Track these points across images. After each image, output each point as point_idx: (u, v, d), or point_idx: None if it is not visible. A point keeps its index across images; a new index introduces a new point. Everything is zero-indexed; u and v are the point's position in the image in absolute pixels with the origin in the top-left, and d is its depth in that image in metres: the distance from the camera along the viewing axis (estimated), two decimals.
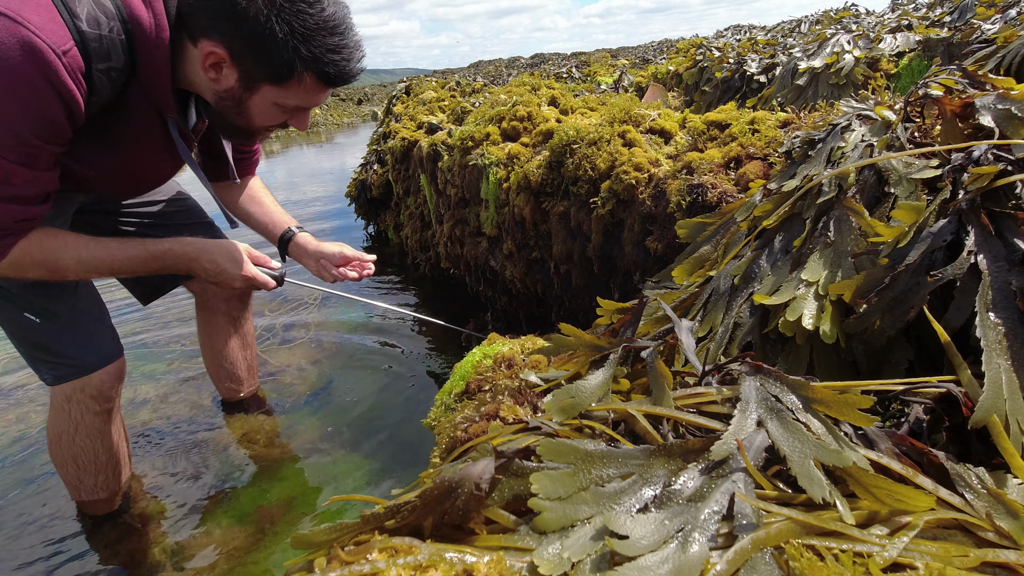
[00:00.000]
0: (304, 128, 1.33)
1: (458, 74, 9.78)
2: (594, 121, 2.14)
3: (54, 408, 1.50)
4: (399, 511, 0.59)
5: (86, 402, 1.48)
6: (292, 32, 1.12)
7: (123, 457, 1.64)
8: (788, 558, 0.50)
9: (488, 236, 2.42)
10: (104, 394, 1.49)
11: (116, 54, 1.10)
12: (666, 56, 6.73)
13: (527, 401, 0.89)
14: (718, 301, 1.03)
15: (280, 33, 1.11)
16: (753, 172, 1.44)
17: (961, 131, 0.99)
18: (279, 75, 1.17)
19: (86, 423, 1.51)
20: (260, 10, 1.09)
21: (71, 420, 1.50)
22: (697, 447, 0.61)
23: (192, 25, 1.14)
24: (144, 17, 1.11)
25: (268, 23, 1.10)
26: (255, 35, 1.11)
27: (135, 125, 1.25)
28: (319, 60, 1.16)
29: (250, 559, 1.44)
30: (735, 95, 3.55)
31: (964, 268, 0.77)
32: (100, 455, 1.57)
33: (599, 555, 0.52)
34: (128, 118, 1.23)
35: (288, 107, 1.25)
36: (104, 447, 1.56)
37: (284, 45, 1.12)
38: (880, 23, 3.78)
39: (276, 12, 1.09)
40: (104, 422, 1.53)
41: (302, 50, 1.14)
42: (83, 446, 1.54)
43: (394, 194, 3.76)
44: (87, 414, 1.50)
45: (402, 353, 2.49)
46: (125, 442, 1.66)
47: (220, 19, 1.12)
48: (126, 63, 1.13)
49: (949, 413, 0.69)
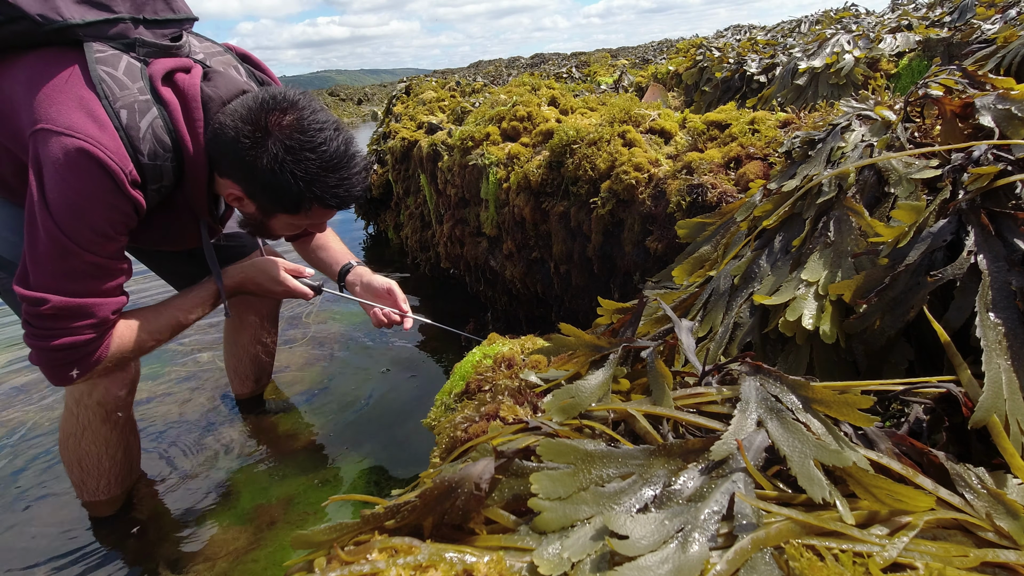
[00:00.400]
0: (323, 231, 1.63)
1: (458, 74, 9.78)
2: (594, 121, 2.14)
3: (65, 409, 1.53)
4: (399, 511, 0.59)
5: (93, 407, 1.49)
6: (296, 179, 1.29)
7: (128, 465, 1.65)
8: (788, 558, 0.50)
9: (488, 236, 2.42)
10: (111, 400, 1.49)
11: (167, 177, 1.34)
12: (666, 56, 6.73)
13: (527, 401, 0.89)
14: (718, 301, 1.03)
15: (284, 180, 1.28)
16: (753, 172, 1.44)
17: (961, 131, 0.99)
18: (290, 209, 1.35)
19: (92, 428, 1.52)
20: (269, 162, 1.26)
21: (79, 423, 1.51)
22: (697, 447, 0.61)
23: (216, 163, 1.35)
24: (191, 149, 1.32)
25: (276, 174, 1.27)
26: (266, 183, 1.30)
27: (175, 217, 1.46)
28: (323, 198, 1.33)
29: (250, 558, 1.44)
30: (735, 95, 3.55)
31: (964, 268, 0.77)
32: (103, 461, 1.58)
33: (599, 555, 0.52)
34: (170, 213, 1.44)
35: (303, 225, 1.47)
36: (108, 454, 1.57)
37: (291, 189, 1.30)
38: (880, 23, 3.78)
39: (281, 164, 1.27)
40: (111, 429, 1.54)
41: (306, 193, 1.31)
42: (87, 450, 1.55)
43: (394, 194, 3.76)
44: (94, 420, 1.51)
45: (402, 353, 2.49)
46: (135, 450, 1.67)
47: (236, 167, 1.31)
48: (174, 181, 1.36)
49: (949, 413, 0.69)
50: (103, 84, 1.23)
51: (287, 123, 1.27)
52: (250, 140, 1.26)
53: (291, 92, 1.32)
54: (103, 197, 1.22)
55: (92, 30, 1.26)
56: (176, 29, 1.41)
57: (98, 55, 1.25)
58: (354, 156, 1.37)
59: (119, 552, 1.52)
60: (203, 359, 2.48)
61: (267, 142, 1.26)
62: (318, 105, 1.34)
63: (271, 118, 1.27)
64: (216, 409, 2.12)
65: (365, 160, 1.42)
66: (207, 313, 1.60)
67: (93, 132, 1.19)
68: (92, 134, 1.19)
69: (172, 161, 1.32)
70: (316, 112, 1.31)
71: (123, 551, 1.52)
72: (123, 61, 1.28)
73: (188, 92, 1.31)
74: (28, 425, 2.09)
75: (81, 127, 1.19)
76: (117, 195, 1.23)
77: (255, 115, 1.27)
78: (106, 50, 1.27)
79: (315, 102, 1.34)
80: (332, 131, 1.32)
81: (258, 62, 1.56)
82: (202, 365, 2.43)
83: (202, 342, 2.64)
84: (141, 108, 1.26)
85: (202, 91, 1.32)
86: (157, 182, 1.32)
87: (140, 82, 1.28)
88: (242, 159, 1.28)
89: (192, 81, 1.32)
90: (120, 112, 1.24)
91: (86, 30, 1.25)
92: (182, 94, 1.31)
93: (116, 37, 1.29)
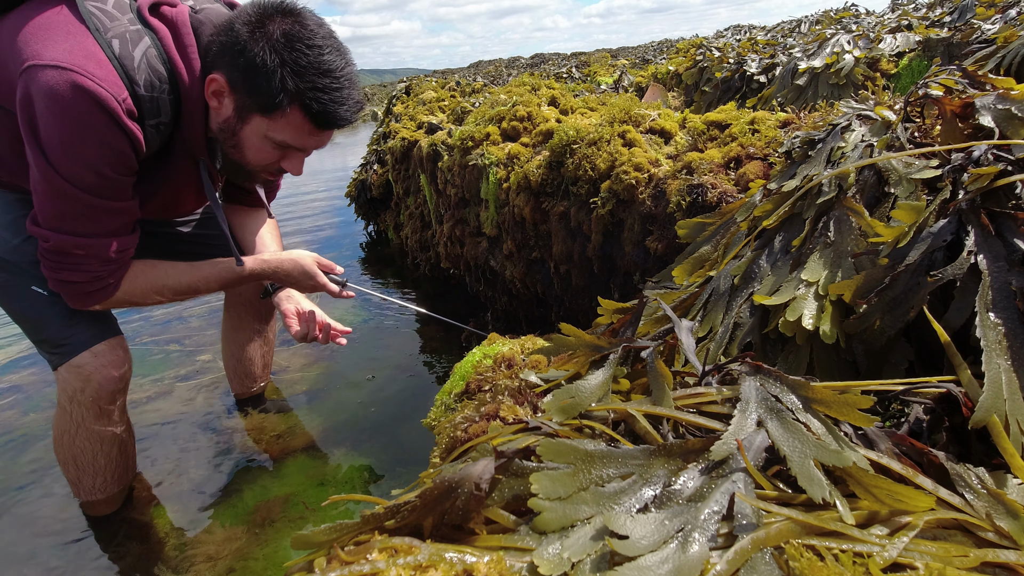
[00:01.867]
0: (297, 172, 1.40)
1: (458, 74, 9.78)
2: (594, 121, 2.14)
3: (59, 407, 1.52)
4: (399, 511, 0.59)
5: (86, 404, 1.48)
6: (282, 64, 1.20)
7: (124, 462, 1.64)
8: (788, 558, 0.50)
9: (488, 236, 2.42)
10: (104, 397, 1.49)
11: (165, 111, 1.28)
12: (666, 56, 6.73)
13: (527, 401, 0.89)
14: (718, 301, 1.03)
15: (271, 64, 1.20)
16: (753, 172, 1.44)
17: (961, 131, 0.99)
18: (266, 105, 1.24)
19: (86, 426, 1.52)
20: (259, 43, 1.19)
21: (72, 421, 1.51)
22: (697, 447, 0.61)
23: (208, 62, 1.27)
24: (186, 78, 1.26)
25: (263, 55, 1.19)
26: (250, 65, 1.21)
27: (174, 167, 1.41)
28: (303, 94, 1.23)
29: (250, 558, 1.45)
30: (735, 95, 3.55)
31: (964, 268, 0.77)
32: (99, 458, 1.57)
33: (599, 555, 0.52)
34: (169, 162, 1.39)
35: (277, 142, 1.31)
36: (103, 451, 1.57)
37: (273, 75, 1.20)
38: (880, 23, 3.78)
39: (272, 46, 1.20)
40: (105, 427, 1.54)
41: (288, 82, 1.21)
42: (83, 448, 1.55)
43: (394, 194, 3.76)
44: (87, 417, 1.50)
45: (402, 353, 2.49)
46: (130, 447, 1.67)
47: (226, 52, 1.23)
48: (172, 117, 1.30)
49: (949, 413, 0.69)
50: (92, 17, 1.20)
51: (288, 22, 1.23)
52: (247, 27, 1.21)
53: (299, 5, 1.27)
54: (96, 132, 1.16)
55: None
56: None
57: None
58: (354, 83, 1.30)
59: (119, 552, 1.52)
60: (203, 359, 2.48)
61: (267, 25, 1.21)
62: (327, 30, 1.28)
63: (272, 18, 1.23)
64: (216, 409, 2.12)
65: (362, 93, 1.35)
66: (221, 290, 1.59)
67: (81, 61, 1.14)
68: (80, 63, 1.14)
69: (169, 94, 1.27)
70: (321, 25, 1.26)
71: (123, 551, 1.52)
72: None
73: (177, 19, 1.27)
74: (28, 425, 2.09)
75: (69, 58, 1.13)
76: (112, 129, 1.18)
77: (255, 12, 1.23)
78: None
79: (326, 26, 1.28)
80: (335, 45, 1.26)
81: None
82: (202, 365, 2.43)
83: (202, 342, 2.64)
84: (133, 38, 1.22)
85: (191, 18, 1.28)
86: (155, 117, 1.27)
87: (129, 13, 1.25)
88: (234, 43, 1.22)
89: (181, 10, 1.28)
90: (112, 42, 1.19)
91: None
92: (171, 22, 1.27)
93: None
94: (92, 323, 1.48)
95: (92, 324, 1.48)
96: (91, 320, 1.48)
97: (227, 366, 2.13)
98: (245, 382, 2.12)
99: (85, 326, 1.46)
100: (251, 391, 2.14)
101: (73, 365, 1.45)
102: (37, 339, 1.48)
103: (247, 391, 2.13)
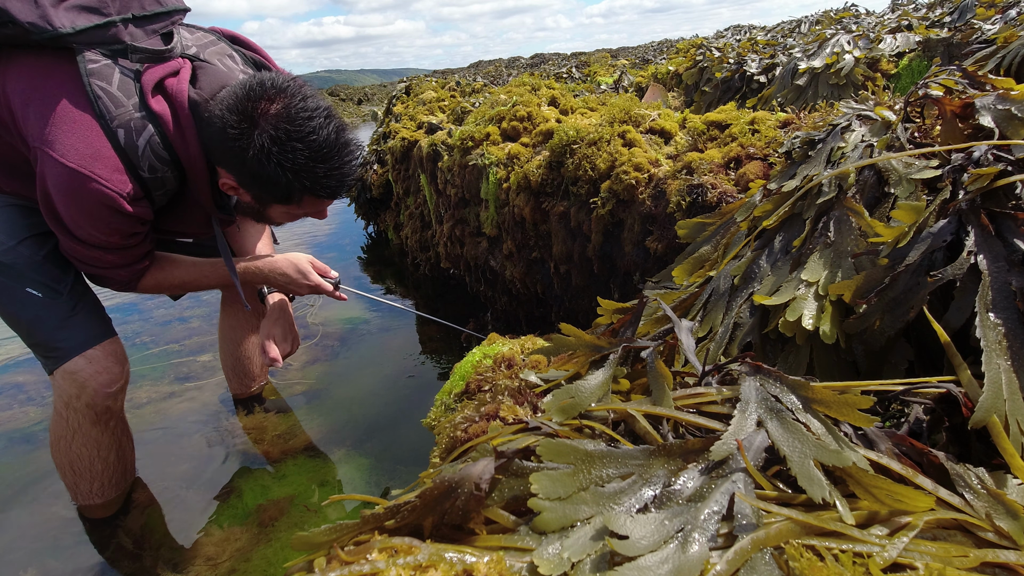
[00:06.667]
0: (323, 217, 1.52)
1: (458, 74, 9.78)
2: (594, 121, 2.14)
3: (55, 412, 1.51)
4: (399, 511, 0.59)
5: (82, 410, 1.48)
6: (285, 171, 1.27)
7: (122, 467, 1.64)
8: (788, 558, 0.50)
9: (488, 236, 2.42)
10: (101, 403, 1.48)
11: (170, 183, 1.38)
12: (666, 56, 6.73)
13: (527, 401, 0.89)
14: (718, 301, 1.03)
15: (272, 170, 1.26)
16: (753, 172, 1.44)
17: (961, 131, 0.99)
18: (281, 198, 1.35)
19: (83, 431, 1.51)
20: (256, 154, 1.25)
21: (69, 427, 1.50)
22: (697, 447, 0.61)
23: (211, 154, 1.35)
24: (189, 158, 1.35)
25: (264, 165, 1.26)
26: (255, 175, 1.29)
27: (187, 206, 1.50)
28: (312, 189, 1.32)
29: (250, 558, 1.44)
30: (735, 95, 3.54)
31: (964, 268, 0.77)
32: (96, 464, 1.57)
33: (599, 555, 0.52)
34: (182, 203, 1.48)
35: (301, 214, 1.47)
36: (100, 457, 1.57)
37: (278, 180, 1.28)
38: (880, 23, 3.78)
39: (268, 156, 1.25)
40: (101, 432, 1.54)
41: (295, 184, 1.30)
42: (79, 453, 1.54)
43: (394, 194, 3.76)
44: (84, 422, 1.50)
45: (402, 353, 2.49)
46: (128, 452, 1.67)
47: (227, 157, 1.30)
48: (178, 184, 1.40)
49: (949, 413, 0.69)
50: (99, 101, 1.24)
51: (274, 112, 1.24)
52: (237, 131, 1.24)
53: (280, 78, 1.28)
54: (105, 218, 1.29)
55: (84, 37, 1.24)
56: (166, 22, 1.37)
57: (91, 66, 1.24)
58: (347, 144, 1.33)
59: (119, 554, 1.52)
60: (203, 359, 2.48)
61: (254, 133, 1.23)
62: (309, 91, 1.30)
63: (258, 107, 1.24)
64: (215, 409, 2.12)
65: (359, 147, 1.39)
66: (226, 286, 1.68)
67: (89, 163, 1.23)
68: (88, 164, 1.23)
69: (172, 171, 1.35)
70: (306, 99, 1.27)
71: (123, 553, 1.52)
72: (116, 74, 1.27)
73: (176, 99, 1.31)
74: (28, 426, 2.09)
75: (78, 159, 1.22)
76: (118, 216, 1.29)
77: (242, 104, 1.24)
78: (98, 60, 1.25)
79: (306, 88, 1.30)
80: (322, 119, 1.28)
81: (251, 44, 1.53)
82: (202, 365, 2.43)
83: (202, 342, 2.64)
84: (137, 127, 1.27)
85: (189, 97, 1.31)
86: (160, 188, 1.36)
87: (134, 97, 1.28)
88: (231, 150, 1.26)
89: (180, 87, 1.31)
90: (118, 131, 1.26)
91: (77, 38, 1.23)
92: (171, 100, 1.31)
93: (108, 42, 1.27)
94: (86, 326, 1.47)
95: (86, 327, 1.47)
96: (85, 323, 1.47)
97: (225, 366, 2.12)
98: (244, 381, 2.12)
99: (79, 330, 1.45)
100: (250, 390, 2.14)
101: (67, 371, 1.44)
102: (31, 343, 1.47)
103: (246, 391, 2.13)
